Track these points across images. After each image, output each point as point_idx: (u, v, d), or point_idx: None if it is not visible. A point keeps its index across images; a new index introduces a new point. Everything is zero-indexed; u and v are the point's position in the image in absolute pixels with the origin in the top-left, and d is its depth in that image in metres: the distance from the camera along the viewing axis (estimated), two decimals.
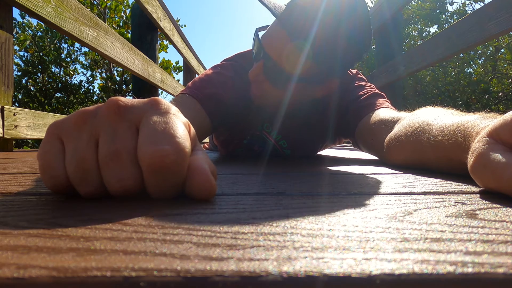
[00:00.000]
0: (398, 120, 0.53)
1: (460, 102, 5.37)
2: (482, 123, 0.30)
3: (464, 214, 0.18)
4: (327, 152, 1.20)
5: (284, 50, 0.59)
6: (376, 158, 0.69)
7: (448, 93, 5.69)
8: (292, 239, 0.14)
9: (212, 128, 0.69)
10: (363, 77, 0.79)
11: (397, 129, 0.50)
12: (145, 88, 2.13)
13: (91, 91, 6.07)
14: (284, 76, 0.61)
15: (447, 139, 0.35)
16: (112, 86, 5.07)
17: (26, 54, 5.34)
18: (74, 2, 1.18)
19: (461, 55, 5.54)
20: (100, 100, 5.85)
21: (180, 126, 0.21)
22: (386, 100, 0.70)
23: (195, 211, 0.19)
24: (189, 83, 0.71)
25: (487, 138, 0.25)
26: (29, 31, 5.36)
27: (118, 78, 5.17)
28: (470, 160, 0.26)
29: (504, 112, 0.26)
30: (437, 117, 0.40)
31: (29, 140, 3.67)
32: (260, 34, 0.64)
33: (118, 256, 0.12)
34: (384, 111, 0.62)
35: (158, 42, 2.40)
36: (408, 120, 0.47)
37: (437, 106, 0.48)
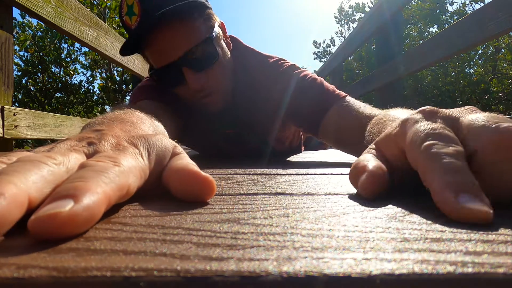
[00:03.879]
0: (371, 119, 0.51)
1: (461, 102, 5.37)
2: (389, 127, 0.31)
3: None
4: (326, 153, 1.20)
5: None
6: None
7: (448, 93, 5.70)
8: (292, 239, 0.14)
9: (181, 123, 0.71)
10: (282, 58, 0.76)
11: (365, 136, 0.49)
12: None
13: (91, 91, 6.07)
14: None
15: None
16: (112, 86, 5.07)
17: (26, 54, 5.34)
18: (74, 2, 1.18)
19: (461, 55, 5.54)
20: (100, 100, 5.85)
21: None
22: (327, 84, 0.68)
23: (195, 211, 0.19)
24: (133, 96, 0.72)
25: (373, 146, 0.27)
26: (29, 31, 5.35)
27: (118, 78, 5.17)
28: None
29: (504, 113, 0.26)
30: (386, 124, 0.40)
31: (29, 140, 3.66)
32: None
33: (118, 256, 0.12)
34: (356, 107, 0.60)
35: None
36: (371, 125, 0.46)
37: (406, 107, 0.47)
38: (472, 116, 0.21)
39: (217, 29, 0.66)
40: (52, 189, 0.17)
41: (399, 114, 0.42)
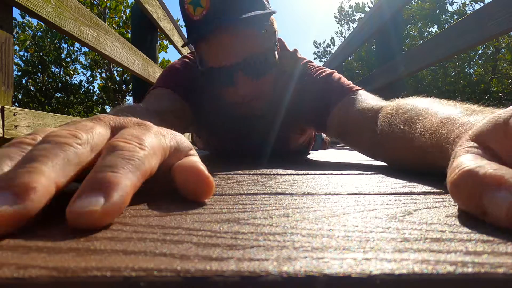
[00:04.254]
0: (380, 112, 0.50)
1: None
2: (463, 120, 0.27)
3: (464, 214, 0.18)
4: (326, 152, 1.20)
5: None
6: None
7: (448, 93, 5.70)
8: (292, 239, 0.14)
9: (193, 114, 0.70)
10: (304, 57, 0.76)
11: (380, 127, 0.47)
12: (145, 88, 2.13)
13: (91, 91, 6.08)
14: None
15: (426, 145, 0.33)
16: (112, 86, 5.07)
17: (26, 54, 5.35)
18: (74, 2, 1.18)
19: (461, 55, 5.54)
20: (100, 100, 5.85)
21: None
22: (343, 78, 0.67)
23: (195, 211, 0.19)
24: (158, 78, 0.72)
25: (472, 144, 0.20)
26: (29, 31, 5.36)
27: (118, 78, 5.17)
28: (450, 173, 0.19)
29: None
30: (420, 114, 0.37)
31: None
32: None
33: (118, 256, 0.12)
34: (362, 99, 0.58)
35: (158, 42, 2.40)
36: (390, 115, 0.45)
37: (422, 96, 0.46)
38: None
39: (276, 39, 0.66)
40: (76, 171, 0.17)
41: (426, 104, 0.38)
